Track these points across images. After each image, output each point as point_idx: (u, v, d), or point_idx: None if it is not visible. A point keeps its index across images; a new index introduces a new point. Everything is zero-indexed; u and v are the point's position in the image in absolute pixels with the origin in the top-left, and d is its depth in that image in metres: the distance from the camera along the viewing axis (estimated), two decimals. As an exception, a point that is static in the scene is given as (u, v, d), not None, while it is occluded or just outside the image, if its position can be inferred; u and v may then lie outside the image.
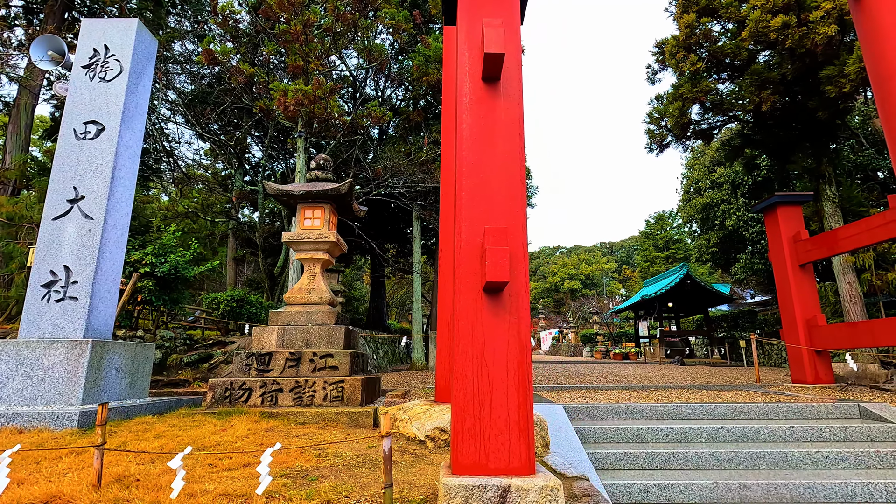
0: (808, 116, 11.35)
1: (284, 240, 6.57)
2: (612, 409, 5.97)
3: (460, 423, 2.59)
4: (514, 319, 2.73)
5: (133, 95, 6.33)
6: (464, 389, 2.63)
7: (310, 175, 6.98)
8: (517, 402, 2.60)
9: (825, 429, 5.35)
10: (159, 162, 16.31)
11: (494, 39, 2.94)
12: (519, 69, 3.26)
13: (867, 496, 4.29)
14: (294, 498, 2.78)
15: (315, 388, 5.55)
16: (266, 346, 6.04)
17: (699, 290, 22.71)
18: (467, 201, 2.93)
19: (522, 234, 2.88)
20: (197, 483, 2.99)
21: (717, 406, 5.97)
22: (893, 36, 6.05)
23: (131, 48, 6.34)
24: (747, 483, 4.33)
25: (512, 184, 2.97)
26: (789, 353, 8.21)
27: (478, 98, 3.13)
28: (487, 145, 3.05)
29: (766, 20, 9.97)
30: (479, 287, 2.75)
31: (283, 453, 3.82)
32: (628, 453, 4.84)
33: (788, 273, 8.12)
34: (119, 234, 5.97)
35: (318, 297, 6.44)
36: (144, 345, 6.05)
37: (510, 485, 2.39)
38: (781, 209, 8.35)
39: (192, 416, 5.09)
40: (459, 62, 3.25)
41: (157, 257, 8.58)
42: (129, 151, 6.21)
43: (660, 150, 13.64)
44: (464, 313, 2.75)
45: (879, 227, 6.64)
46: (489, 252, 2.58)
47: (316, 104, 8.59)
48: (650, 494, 4.31)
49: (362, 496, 2.87)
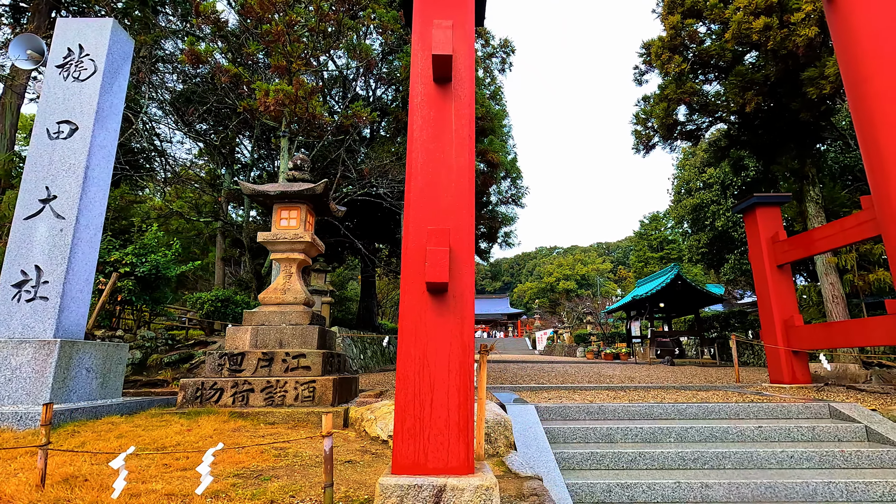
0: (791, 118, 11.41)
1: (260, 240, 6.57)
2: (585, 409, 5.99)
3: (401, 423, 2.61)
4: (457, 320, 2.75)
5: (107, 95, 6.32)
6: (405, 390, 2.65)
7: (287, 175, 6.98)
8: (458, 403, 2.62)
9: (793, 429, 5.38)
10: (150, 161, 16.30)
11: (442, 41, 2.95)
12: (471, 71, 3.27)
13: (828, 495, 4.32)
14: (238, 498, 2.79)
15: (286, 389, 5.55)
16: (239, 347, 6.04)
17: (690, 290, 22.80)
18: (414, 202, 2.95)
19: (468, 235, 2.89)
20: (146, 483, 3.00)
21: (688, 406, 6.00)
22: (866, 38, 6.09)
23: (106, 48, 6.33)
24: (709, 483, 4.36)
25: (460, 186, 2.98)
26: (767, 354, 8.25)
27: (429, 99, 3.14)
28: (437, 147, 3.06)
29: (748, 22, 10.02)
30: (423, 288, 2.76)
31: (241, 453, 3.83)
32: (595, 453, 4.86)
33: (767, 273, 8.15)
34: (92, 233, 5.96)
35: (293, 298, 6.45)
36: (117, 345, 6.04)
37: (446, 484, 2.40)
38: (760, 210, 8.39)
39: (161, 417, 5.09)
40: (412, 63, 3.26)
41: (137, 257, 8.57)
42: (102, 151, 6.20)
43: (646, 151, 13.69)
44: (408, 314, 2.76)
45: (853, 227, 6.68)
46: (429, 253, 2.59)
47: (297, 104, 8.59)
48: (613, 494, 4.33)
49: (308, 496, 2.88)
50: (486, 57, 19.89)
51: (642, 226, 45.76)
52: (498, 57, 19.90)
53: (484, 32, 19.41)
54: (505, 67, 20.12)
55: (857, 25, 6.18)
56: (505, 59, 19.88)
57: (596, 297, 52.18)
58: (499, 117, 16.39)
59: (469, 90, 3.22)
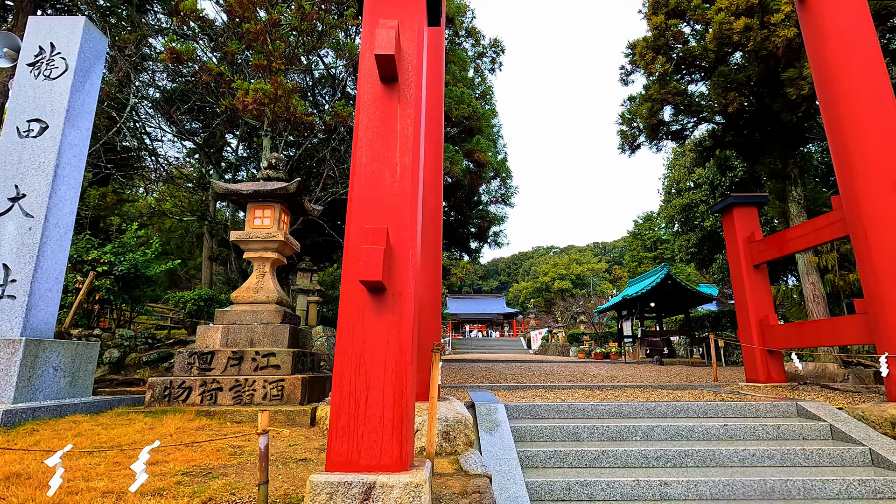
0: (773, 118, 11.46)
1: (233, 239, 6.58)
2: (554, 407, 6.02)
3: (335, 420, 2.62)
4: (395, 319, 2.76)
5: (79, 94, 6.31)
6: (341, 387, 2.66)
7: (262, 174, 6.98)
8: (392, 400, 2.63)
9: (759, 427, 5.41)
10: (140, 160, 16.25)
11: (385, 40, 2.96)
12: (419, 71, 3.28)
13: (785, 493, 4.35)
14: (178, 496, 2.80)
15: (255, 387, 5.56)
16: (210, 345, 6.04)
17: (680, 290, 22.85)
18: (356, 201, 2.96)
19: (410, 234, 2.91)
20: (90, 481, 3.00)
21: (657, 405, 6.02)
22: (834, 39, 6.13)
23: (77, 46, 6.32)
24: (668, 481, 4.38)
25: (403, 186, 2.99)
26: (744, 353, 8.29)
27: (374, 98, 3.16)
28: (381, 146, 3.07)
29: (729, 22, 10.06)
30: (361, 286, 2.77)
31: (197, 451, 3.84)
32: (559, 451, 4.88)
33: (743, 273, 8.20)
34: (62, 232, 5.96)
35: (265, 297, 6.45)
36: (87, 344, 6.03)
37: (375, 481, 2.42)
38: (737, 210, 8.43)
39: (126, 416, 5.09)
40: (360, 62, 3.27)
41: (115, 256, 8.56)
42: (73, 150, 6.19)
43: (632, 151, 13.73)
44: (346, 312, 2.78)
45: (824, 227, 6.72)
46: (363, 251, 2.61)
47: (277, 103, 8.59)
48: (572, 492, 4.35)
49: (250, 494, 2.89)
50: (477, 56, 19.92)
51: (636, 226, 45.86)
52: (488, 56, 19.94)
53: (474, 32, 19.44)
54: (495, 67, 20.17)
55: (827, 26, 6.22)
56: (495, 58, 19.92)
57: (591, 296, 52.30)
58: (486, 117, 16.40)
59: (417, 90, 3.23)
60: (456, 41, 19.01)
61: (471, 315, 70.23)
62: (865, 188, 5.66)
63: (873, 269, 5.56)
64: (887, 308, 5.43)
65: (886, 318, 5.44)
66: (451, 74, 15.25)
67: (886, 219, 5.49)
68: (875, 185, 5.60)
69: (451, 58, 16.12)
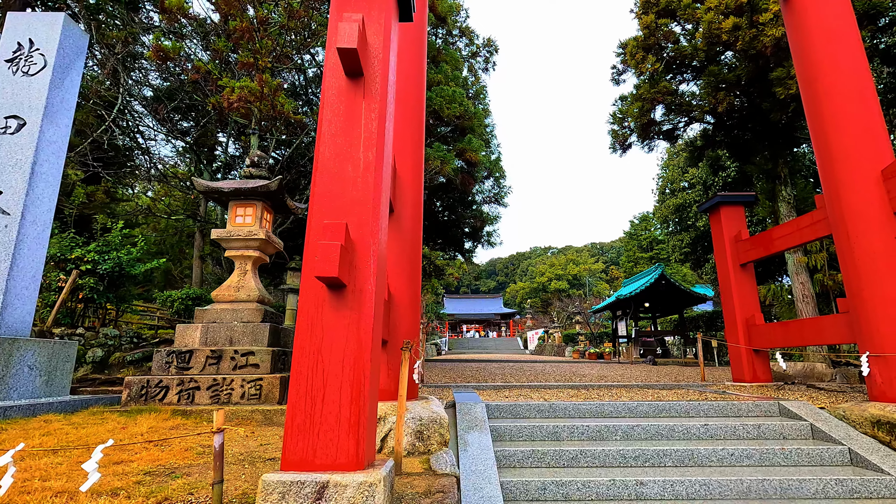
0: (764, 118, 11.45)
1: (214, 237, 6.53)
2: (536, 407, 5.98)
3: (291, 419, 2.58)
4: (355, 316, 2.72)
5: (58, 90, 6.26)
6: (298, 386, 2.62)
7: (244, 172, 6.93)
8: (350, 399, 2.59)
9: (739, 427, 5.38)
10: (133, 158, 16.17)
11: (348, 34, 2.92)
12: (386, 66, 3.24)
13: (762, 493, 4.32)
14: (134, 495, 2.76)
15: (233, 386, 5.51)
16: (188, 344, 5.99)
17: (674, 290, 22.86)
18: (318, 196, 2.92)
19: (372, 230, 2.87)
20: (46, 481, 2.96)
21: (639, 404, 5.99)
22: (817, 37, 6.11)
23: (57, 43, 6.27)
24: (644, 480, 4.34)
25: (366, 181, 2.95)
26: (730, 352, 8.27)
27: (339, 93, 3.12)
28: (345, 141, 3.03)
29: (718, 22, 10.04)
30: (321, 283, 2.73)
31: (165, 451, 3.79)
32: (537, 451, 4.84)
33: (730, 272, 8.18)
34: (39, 230, 5.90)
35: (246, 295, 6.40)
36: (65, 342, 5.98)
37: (329, 481, 2.38)
38: (724, 209, 8.41)
39: (100, 415, 5.04)
40: (326, 56, 3.24)
41: (99, 254, 8.49)
42: (52, 147, 6.14)
43: (623, 151, 13.72)
44: (305, 308, 2.74)
45: (808, 226, 6.71)
46: (319, 247, 2.57)
47: (262, 101, 8.54)
48: (547, 492, 4.31)
49: (208, 494, 2.84)
50: (470, 56, 19.89)
51: (632, 226, 45.85)
52: (481, 56, 19.91)
53: (468, 31, 19.40)
54: (488, 67, 20.13)
55: (810, 24, 6.20)
56: (488, 58, 19.87)
57: (588, 296, 52.30)
58: (479, 116, 16.36)
59: (383, 86, 3.19)
60: (449, 40, 18.97)
61: (468, 315, 70.21)
62: (847, 186, 5.65)
63: (855, 267, 5.53)
64: (868, 307, 5.41)
65: (868, 318, 5.42)
66: (444, 74, 15.22)
67: (868, 217, 5.47)
68: (856, 184, 5.58)
69: (443, 57, 16.09)
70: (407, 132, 5.57)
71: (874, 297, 5.35)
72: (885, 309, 5.26)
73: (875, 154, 5.56)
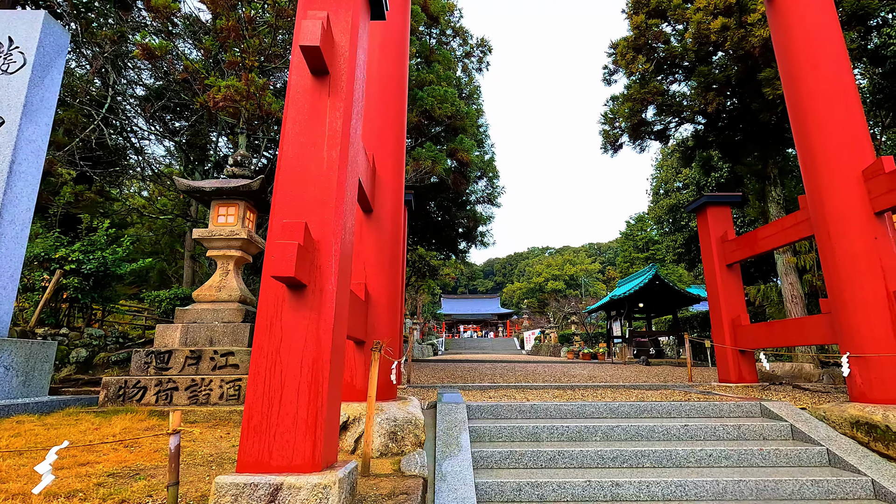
0: (753, 118, 11.46)
1: (195, 237, 6.50)
2: (517, 407, 5.96)
3: (248, 420, 2.55)
4: (314, 316, 2.70)
5: (37, 89, 6.22)
6: (255, 386, 2.59)
7: (227, 171, 6.90)
8: (307, 400, 2.56)
9: (719, 427, 5.37)
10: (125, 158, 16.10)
11: (310, 32, 2.89)
12: (353, 65, 3.22)
13: (737, 494, 4.31)
14: (91, 497, 2.73)
15: (211, 387, 5.48)
16: (168, 344, 5.96)
17: (668, 290, 22.88)
18: (280, 195, 2.90)
19: (334, 230, 2.84)
20: (5, 483, 2.92)
21: (620, 404, 5.98)
22: (799, 37, 6.11)
23: (36, 41, 6.22)
24: (620, 481, 4.33)
25: (329, 180, 2.93)
26: (716, 353, 8.26)
27: (303, 90, 3.09)
28: (308, 140, 3.01)
29: (707, 22, 10.04)
30: (280, 283, 2.71)
31: (134, 452, 3.76)
32: (515, 452, 4.81)
33: (716, 273, 8.17)
34: (18, 229, 5.86)
35: (227, 295, 6.37)
36: (44, 343, 5.94)
37: (283, 483, 2.35)
38: (711, 210, 8.41)
39: (75, 416, 5.00)
40: (292, 53, 3.21)
41: (84, 254, 8.45)
42: (31, 146, 6.10)
43: (614, 151, 13.71)
44: (265, 308, 2.71)
45: (791, 227, 6.70)
46: (276, 246, 2.54)
47: (249, 100, 8.51)
48: (522, 493, 4.29)
49: (167, 495, 2.81)
50: (464, 56, 19.87)
51: (628, 226, 45.90)
52: (475, 56, 19.90)
53: (462, 31, 19.40)
54: (482, 66, 20.13)
55: (793, 25, 6.19)
56: (482, 57, 19.88)
57: (585, 297, 52.31)
58: (471, 116, 16.34)
59: (349, 84, 3.16)
60: (443, 40, 18.95)
61: (465, 315, 70.21)
62: (828, 187, 5.64)
63: (836, 268, 5.53)
64: (848, 308, 5.40)
65: (848, 318, 5.42)
66: (436, 73, 15.20)
67: (848, 218, 5.46)
68: (837, 184, 5.57)
69: (436, 57, 16.07)
70: (388, 132, 5.54)
71: (854, 298, 5.34)
72: (864, 310, 5.25)
73: (856, 154, 5.55)
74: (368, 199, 4.97)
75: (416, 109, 13.91)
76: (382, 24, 5.57)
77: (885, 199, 5.25)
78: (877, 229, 5.34)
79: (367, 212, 5.15)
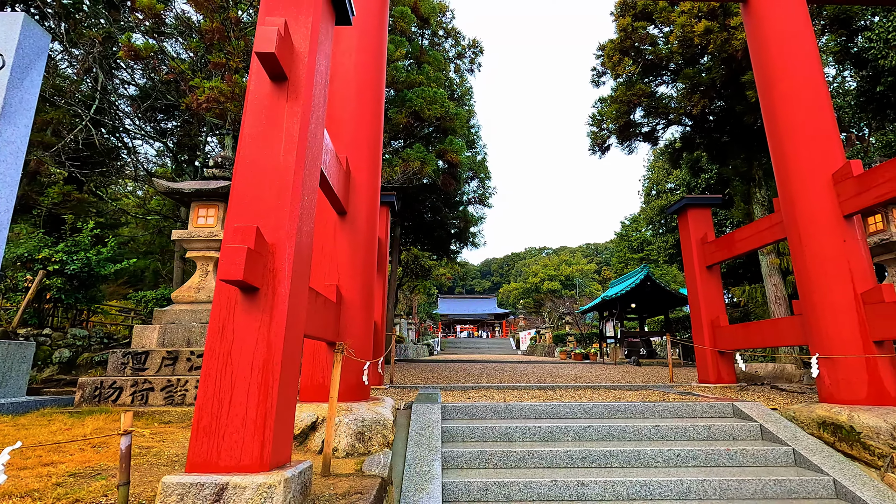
0: (738, 121, 11.54)
1: (175, 238, 6.53)
2: (492, 408, 6.01)
3: (197, 421, 2.59)
4: (266, 318, 2.74)
5: (16, 90, 6.20)
6: (206, 388, 2.64)
7: (207, 173, 6.93)
8: (257, 401, 2.61)
9: (690, 427, 5.43)
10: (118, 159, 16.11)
11: (266, 38, 2.94)
12: (311, 71, 3.26)
13: (701, 493, 4.37)
14: (46, 497, 2.77)
15: (187, 388, 5.52)
16: (145, 345, 5.99)
17: (659, 291, 22.96)
18: (237, 199, 2.94)
19: (288, 234, 2.89)
20: (-35, 482, 2.96)
21: (594, 405, 6.04)
22: (773, 42, 6.17)
23: (16, 42, 6.19)
24: (586, 481, 4.38)
25: (283, 185, 2.97)
26: (696, 354, 8.33)
27: (261, 96, 3.14)
28: (265, 145, 3.05)
29: (691, 25, 10.11)
30: (233, 286, 2.75)
31: (100, 453, 3.80)
32: (485, 452, 4.86)
33: (696, 274, 8.24)
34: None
35: (206, 296, 6.40)
36: (20, 343, 5.96)
37: (228, 482, 2.40)
38: (691, 212, 8.48)
39: (49, 416, 5.03)
40: (252, 59, 3.25)
41: (67, 255, 8.46)
42: (9, 147, 6.08)
43: (602, 153, 13.78)
44: (217, 311, 2.75)
45: (766, 229, 6.77)
46: (225, 250, 2.58)
47: (232, 101, 8.54)
48: (489, 493, 4.34)
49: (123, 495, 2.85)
50: (456, 57, 19.93)
51: (623, 227, 45.95)
52: (467, 57, 19.95)
53: (454, 32, 19.45)
54: (474, 67, 20.18)
55: (767, 29, 6.26)
56: (474, 58, 19.92)
57: (580, 297, 52.43)
58: (461, 118, 16.37)
59: (308, 89, 3.21)
60: (435, 41, 18.99)
61: (462, 315, 70.25)
62: (799, 189, 5.71)
63: (806, 270, 5.60)
64: (818, 309, 5.47)
65: (817, 320, 5.48)
66: (425, 75, 15.24)
67: (818, 220, 5.53)
68: (808, 187, 5.64)
69: (426, 58, 16.12)
70: (363, 136, 5.59)
71: (823, 300, 5.41)
72: (833, 311, 5.32)
73: (826, 158, 5.62)
74: (342, 202, 5.01)
75: (405, 111, 13.96)
76: (359, 29, 5.61)
77: (853, 202, 5.32)
78: (845, 232, 5.41)
79: (341, 214, 5.19)
